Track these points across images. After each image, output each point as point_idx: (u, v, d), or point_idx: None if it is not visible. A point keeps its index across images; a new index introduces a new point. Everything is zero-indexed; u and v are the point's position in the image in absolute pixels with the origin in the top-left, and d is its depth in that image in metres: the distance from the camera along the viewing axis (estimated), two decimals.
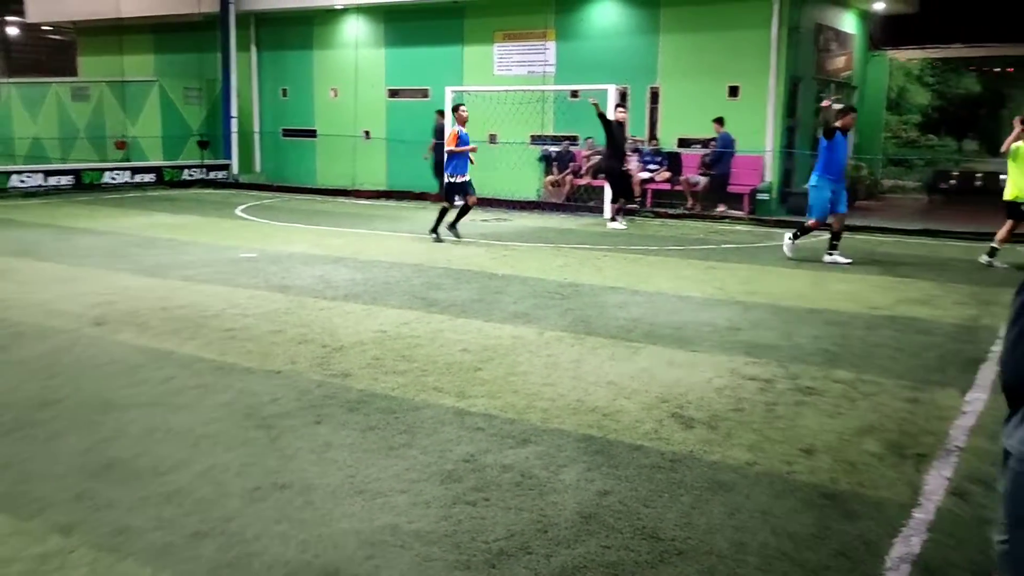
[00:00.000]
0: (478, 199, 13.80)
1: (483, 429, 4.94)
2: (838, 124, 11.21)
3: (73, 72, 27.51)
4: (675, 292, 9.17)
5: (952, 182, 21.60)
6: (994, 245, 11.46)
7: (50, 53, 39.89)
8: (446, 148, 13.19)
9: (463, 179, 13.01)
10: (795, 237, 11.80)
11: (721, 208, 16.60)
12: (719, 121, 16.53)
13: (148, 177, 21.73)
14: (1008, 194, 11.58)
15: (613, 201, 15.22)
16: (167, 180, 21.98)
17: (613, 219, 14.90)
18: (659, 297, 8.89)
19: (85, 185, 20.35)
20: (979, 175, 22.12)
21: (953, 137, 35.18)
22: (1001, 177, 20.93)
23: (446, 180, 13.05)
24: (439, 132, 18.98)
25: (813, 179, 11.48)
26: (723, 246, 12.98)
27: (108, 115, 23.85)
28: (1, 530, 3.70)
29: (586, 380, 5.94)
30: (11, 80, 28.23)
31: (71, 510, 3.88)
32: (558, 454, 4.59)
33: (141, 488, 4.11)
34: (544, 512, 3.90)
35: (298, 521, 3.79)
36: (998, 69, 31.18)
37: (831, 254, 11.43)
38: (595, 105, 14.66)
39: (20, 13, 28.71)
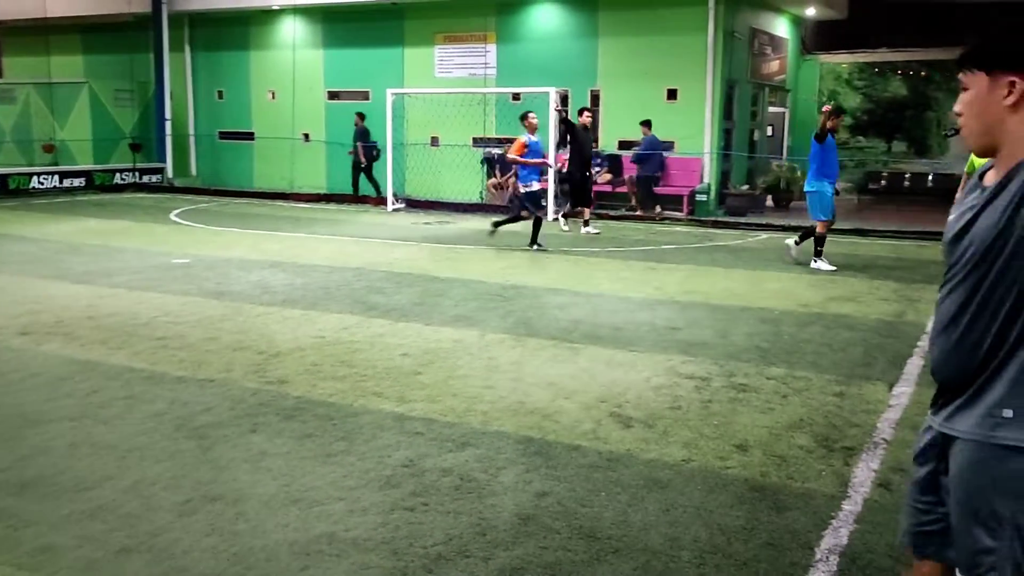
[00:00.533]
0: (424, 202, 13.72)
1: (422, 433, 4.92)
2: (830, 125, 11.11)
3: None
4: (615, 293, 9.25)
5: (882, 183, 22.20)
6: None
7: None
8: (509, 156, 12.93)
9: (539, 186, 12.73)
10: (798, 243, 11.46)
11: (656, 209, 16.78)
12: (646, 124, 16.74)
13: (78, 181, 21.18)
14: None
15: (583, 206, 14.50)
16: (98, 184, 21.45)
17: (586, 223, 14.46)
18: (600, 298, 8.96)
19: (11, 190, 19.75)
20: (907, 176, 22.78)
21: (882, 139, 36.18)
22: (928, 178, 21.63)
23: (522, 190, 12.73)
24: (363, 135, 18.98)
25: (812, 183, 11.12)
26: (663, 247, 13.13)
27: (35, 118, 23.18)
28: None
29: (526, 382, 5.96)
30: None
31: None
32: (497, 456, 4.60)
33: (65, 505, 3.99)
34: (483, 515, 3.90)
35: (230, 533, 3.72)
36: (924, 72, 32.17)
37: (817, 260, 11.16)
38: (559, 112, 14.38)
39: None
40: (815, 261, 11.13)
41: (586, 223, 14.46)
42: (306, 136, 21.43)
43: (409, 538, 3.67)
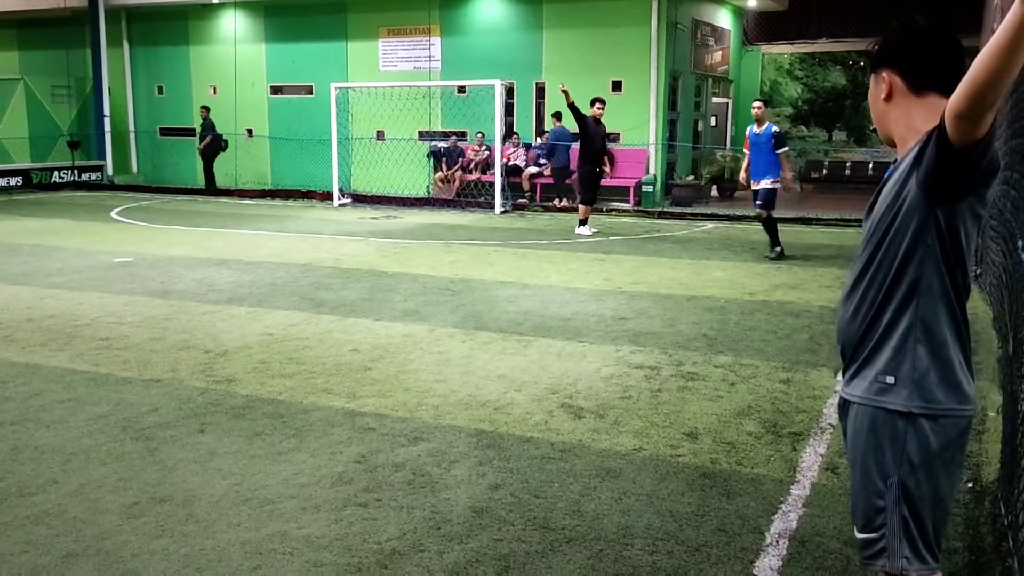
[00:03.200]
0: (370, 197, 13.46)
1: (374, 429, 4.90)
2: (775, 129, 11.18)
3: None
4: (564, 285, 9.30)
5: (823, 172, 22.63)
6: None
7: None
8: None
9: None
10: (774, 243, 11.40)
11: (562, 202, 16.82)
12: (557, 116, 16.80)
13: (14, 180, 20.60)
14: None
15: (583, 203, 13.74)
16: (36, 183, 20.89)
17: (582, 223, 13.63)
18: (548, 290, 9.00)
19: None
20: (848, 164, 23.26)
21: (823, 128, 36.89)
22: (869, 166, 22.10)
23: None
24: (210, 127, 19.10)
25: (771, 180, 11.00)
26: (610, 238, 13.23)
27: None
28: None
29: (477, 375, 5.96)
30: None
31: None
32: (450, 450, 4.60)
33: (7, 511, 3.88)
34: (436, 509, 3.90)
35: (180, 535, 3.67)
36: (862, 63, 32.83)
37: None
38: (565, 93, 13.02)
39: None
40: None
41: (583, 221, 13.79)
42: (249, 131, 21.11)
43: (363, 534, 3.66)
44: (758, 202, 11.15)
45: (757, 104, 11.36)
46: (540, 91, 18.13)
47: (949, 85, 2.06)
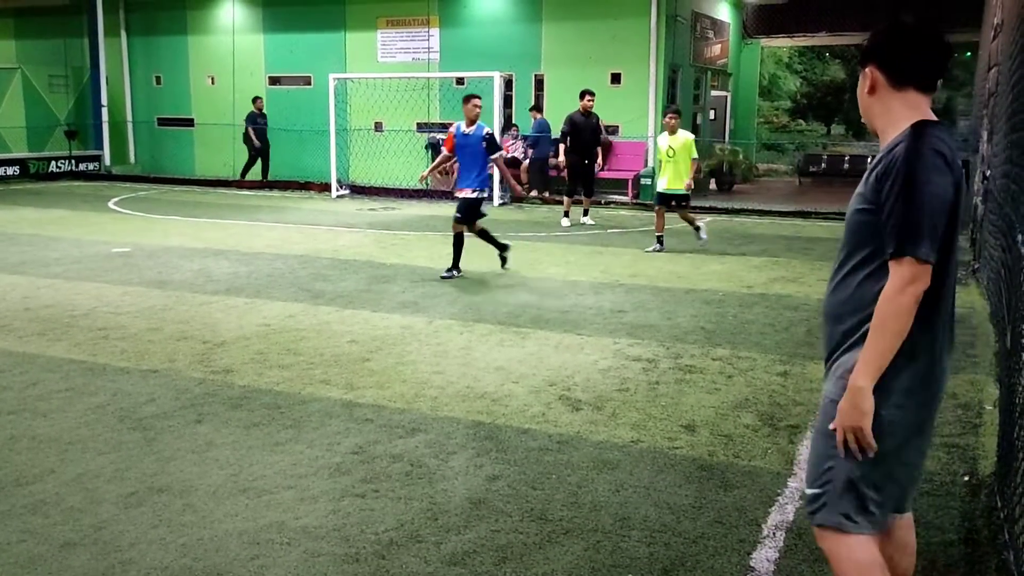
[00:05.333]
0: (368, 188, 13.34)
1: (372, 420, 4.90)
2: None
3: None
4: (562, 277, 9.30)
5: (822, 165, 22.62)
6: (659, 234, 11.21)
7: None
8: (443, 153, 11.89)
9: (475, 194, 9.42)
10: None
11: (538, 193, 16.79)
12: (537, 109, 16.87)
13: (12, 170, 20.54)
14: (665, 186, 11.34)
15: (586, 196, 13.90)
16: (33, 173, 20.83)
17: (565, 215, 13.73)
18: (547, 282, 8.99)
19: None
20: (847, 158, 23.25)
21: (821, 122, 36.85)
22: (868, 160, 22.07)
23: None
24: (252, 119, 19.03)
25: (473, 190, 9.88)
26: (608, 231, 13.22)
27: None
28: None
29: (475, 367, 5.96)
30: None
31: None
32: (447, 442, 4.60)
33: (3, 500, 3.88)
34: (434, 500, 3.90)
35: (177, 525, 3.67)
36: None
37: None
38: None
39: None
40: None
41: (585, 212, 13.96)
42: None
43: (360, 524, 3.66)
44: (456, 213, 9.24)
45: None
46: (539, 83, 18.10)
47: (927, 82, 2.33)
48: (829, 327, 2.42)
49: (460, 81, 18.10)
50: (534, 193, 16.83)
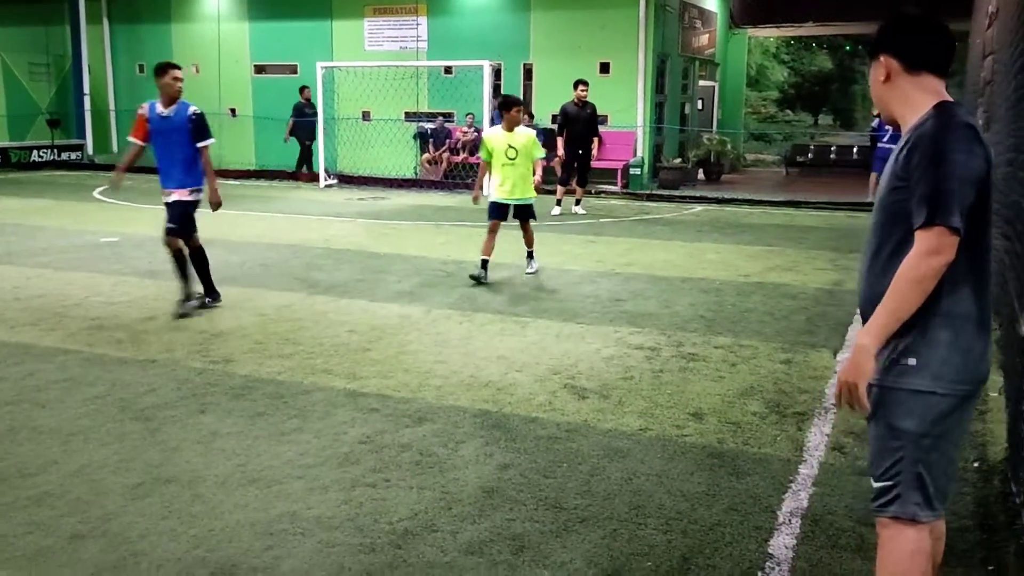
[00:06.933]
0: (357, 178, 13.10)
1: (377, 410, 4.85)
2: None
3: None
4: (558, 266, 9.26)
5: (809, 155, 22.68)
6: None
7: None
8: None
9: (190, 196, 7.56)
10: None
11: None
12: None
13: None
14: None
15: (579, 185, 13.84)
16: (14, 162, 20.56)
17: (557, 203, 13.67)
18: (542, 272, 8.95)
19: None
20: (833, 148, 23.32)
21: (809, 112, 36.94)
22: (854, 150, 22.15)
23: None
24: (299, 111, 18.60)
25: (189, 191, 7.78)
26: (600, 220, 13.19)
27: None
28: None
29: (477, 356, 5.92)
30: None
31: None
32: (455, 430, 4.56)
33: (7, 492, 3.80)
34: (447, 489, 3.86)
35: (187, 515, 3.61)
36: (848, 47, 32.91)
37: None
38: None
39: None
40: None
41: (577, 202, 13.89)
42: (233, 111, 20.85)
43: (373, 514, 3.61)
44: (168, 223, 7.24)
45: (180, 73, 7.34)
46: (528, 72, 18.02)
47: (941, 65, 2.39)
48: (869, 316, 2.39)
49: (448, 70, 17.99)
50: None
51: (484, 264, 8.39)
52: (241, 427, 4.58)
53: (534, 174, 8.68)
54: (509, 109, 8.52)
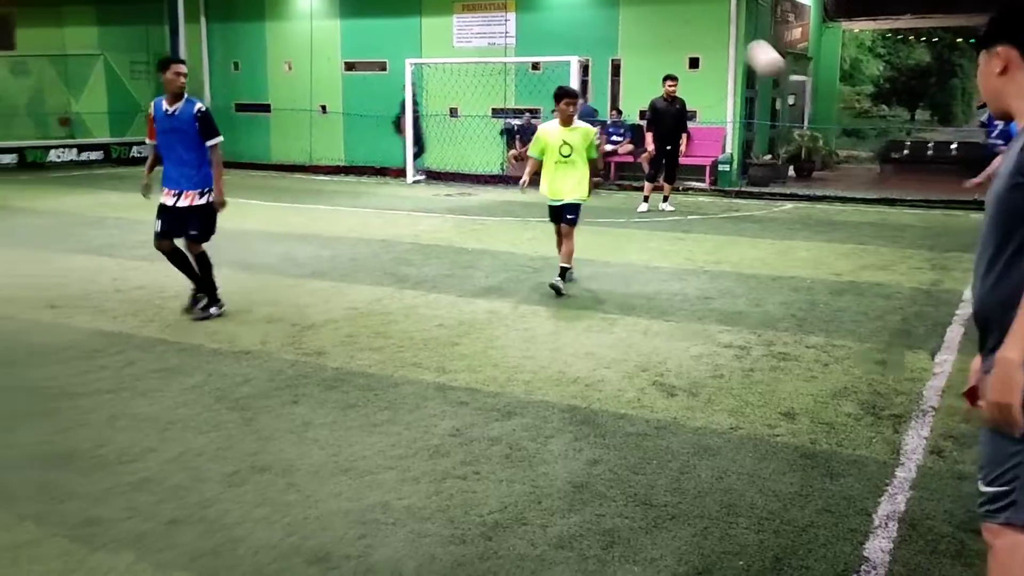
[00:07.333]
0: (444, 174, 13.18)
1: (466, 403, 4.88)
2: None
3: (10, 46, 26.48)
4: (645, 263, 9.17)
5: (905, 152, 21.90)
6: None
7: None
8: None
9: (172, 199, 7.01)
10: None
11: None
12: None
13: (95, 155, 21.15)
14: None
15: (667, 182, 13.67)
16: (115, 157, 21.41)
17: (644, 199, 13.55)
18: (630, 268, 8.88)
19: (29, 164, 19.75)
20: (930, 144, 22.47)
21: (905, 107, 35.69)
22: (952, 147, 21.33)
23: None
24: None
25: (201, 192, 7.19)
26: (688, 217, 13.01)
27: (49, 91, 23.08)
28: None
29: (565, 352, 5.91)
30: None
31: (35, 502, 3.70)
32: (544, 425, 4.56)
33: (108, 478, 3.94)
34: (536, 483, 3.86)
35: (282, 504, 3.70)
36: (947, 40, 31.66)
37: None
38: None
39: None
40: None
41: (665, 199, 13.71)
42: (323, 108, 21.29)
43: (464, 506, 3.64)
44: (191, 231, 6.86)
45: (183, 69, 6.83)
46: (616, 68, 17.88)
47: None
48: (992, 321, 2.27)
49: (535, 66, 17.99)
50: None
51: (563, 272, 7.70)
52: (333, 418, 4.68)
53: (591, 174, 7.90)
54: (559, 101, 7.75)
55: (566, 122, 7.77)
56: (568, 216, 7.84)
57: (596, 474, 3.96)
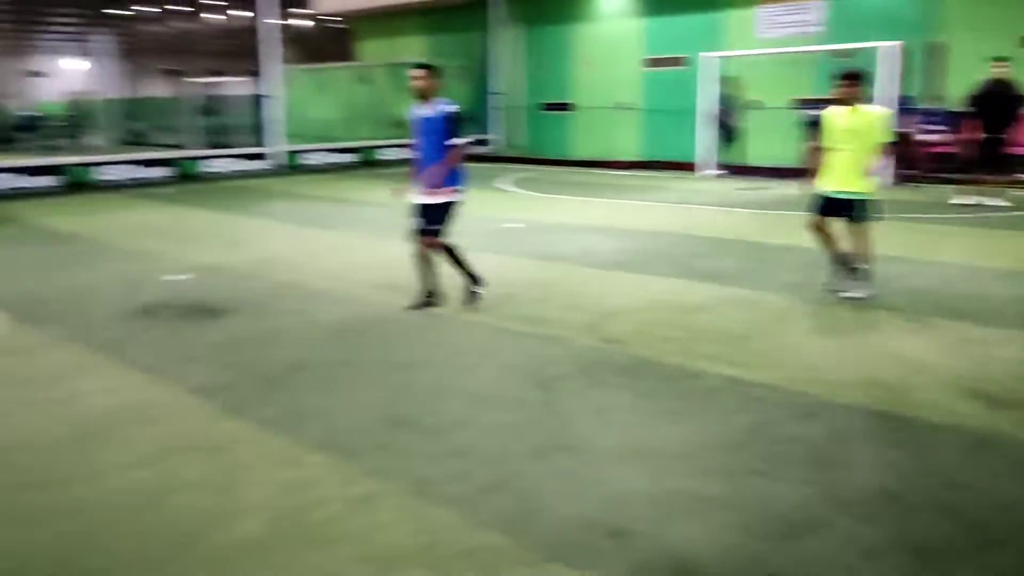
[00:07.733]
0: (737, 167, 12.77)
1: (763, 400, 4.80)
2: None
3: (349, 57, 29.65)
4: (966, 263, 8.40)
5: None
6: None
7: (328, 40, 42.99)
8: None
9: (443, 197, 7.18)
10: None
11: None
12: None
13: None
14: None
15: (996, 174, 12.69)
16: None
17: (993, 193, 12.62)
18: (948, 268, 8.18)
19: (367, 162, 22.15)
20: None
21: None
22: None
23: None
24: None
25: (451, 189, 7.27)
26: (1014, 213, 11.69)
27: (386, 96, 25.50)
28: (323, 471, 4.07)
29: (872, 353, 5.60)
30: (301, 66, 30.84)
31: (376, 458, 4.18)
32: (848, 429, 4.37)
33: (432, 443, 4.33)
34: (838, 488, 3.72)
35: (581, 480, 3.87)
36: None
37: None
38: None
39: (299, 4, 31.22)
40: None
41: (995, 192, 12.66)
42: (624, 105, 21.61)
43: (762, 502, 3.60)
44: (429, 225, 7.09)
45: (418, 73, 6.89)
46: (934, 51, 16.42)
47: None
48: None
49: (842, 54, 16.99)
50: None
51: (846, 267, 7.08)
52: (629, 403, 4.80)
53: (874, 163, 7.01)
54: (838, 84, 7.01)
55: (848, 104, 6.98)
56: (850, 214, 7.13)
57: (905, 485, 3.73)
